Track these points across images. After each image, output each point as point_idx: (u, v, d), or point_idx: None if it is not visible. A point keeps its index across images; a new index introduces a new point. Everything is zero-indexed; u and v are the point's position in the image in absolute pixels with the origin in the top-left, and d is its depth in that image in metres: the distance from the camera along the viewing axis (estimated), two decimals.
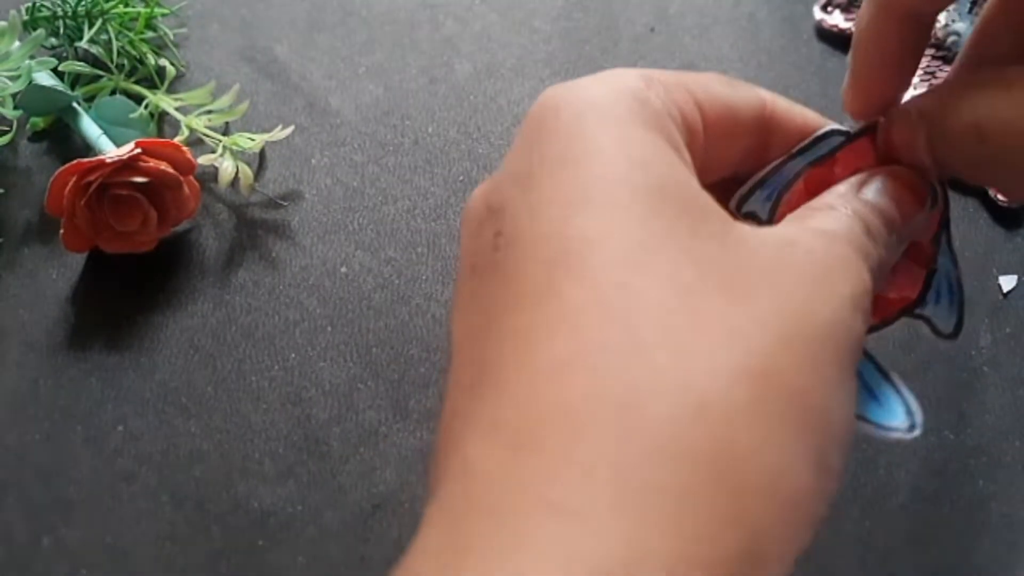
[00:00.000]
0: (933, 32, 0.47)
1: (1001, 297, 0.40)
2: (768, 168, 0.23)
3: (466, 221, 0.19)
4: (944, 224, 0.25)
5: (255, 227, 0.41)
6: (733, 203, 0.23)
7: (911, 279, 0.25)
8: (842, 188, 0.22)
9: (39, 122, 0.43)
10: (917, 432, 0.22)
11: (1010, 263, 0.41)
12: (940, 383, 0.38)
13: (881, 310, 0.25)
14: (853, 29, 0.48)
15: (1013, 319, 0.39)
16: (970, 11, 0.47)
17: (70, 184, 0.37)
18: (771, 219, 0.23)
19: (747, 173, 0.23)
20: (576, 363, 0.15)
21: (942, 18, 0.47)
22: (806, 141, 0.24)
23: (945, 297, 0.26)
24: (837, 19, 0.48)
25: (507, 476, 0.14)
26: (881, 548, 0.34)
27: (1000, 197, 0.42)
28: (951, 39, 0.46)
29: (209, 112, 0.42)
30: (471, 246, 0.18)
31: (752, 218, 0.23)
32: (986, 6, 0.23)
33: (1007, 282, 0.40)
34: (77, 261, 0.40)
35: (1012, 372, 0.38)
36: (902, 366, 0.38)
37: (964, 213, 0.43)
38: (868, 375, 0.24)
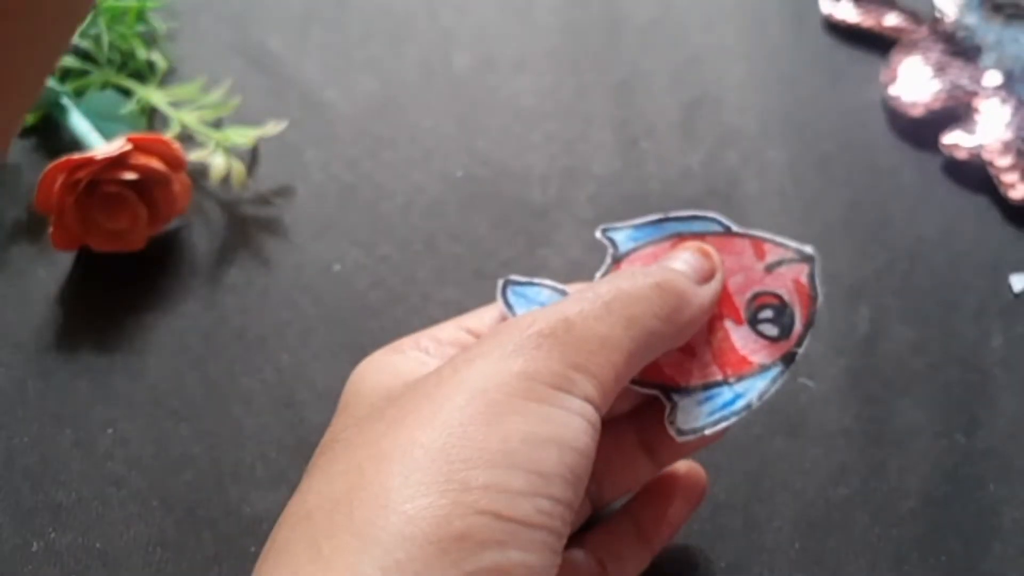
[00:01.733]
0: (944, 27, 0.46)
1: (1012, 297, 0.39)
2: (650, 218, 0.28)
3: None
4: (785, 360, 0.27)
5: (247, 224, 0.40)
6: (600, 227, 0.29)
7: (694, 368, 0.27)
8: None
9: (28, 118, 0.42)
10: None
11: (1022, 262, 0.40)
12: (951, 386, 0.37)
13: (650, 371, 0.27)
14: (861, 23, 0.47)
15: None
16: (979, 5, 0.46)
17: (59, 181, 0.36)
18: (621, 255, 0.28)
19: None
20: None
21: (952, 12, 0.46)
22: (689, 213, 0.28)
23: (714, 409, 0.27)
24: (845, 11, 0.47)
25: None
26: (891, 553, 0.33)
27: (1011, 195, 0.41)
28: (961, 33, 0.45)
29: (201, 107, 0.42)
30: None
31: (609, 241, 0.28)
32: None
33: (1018, 281, 0.40)
34: (66, 260, 0.39)
35: None
36: (912, 368, 0.37)
37: (975, 211, 0.42)
38: None
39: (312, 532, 0.20)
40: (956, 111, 0.44)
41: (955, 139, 0.43)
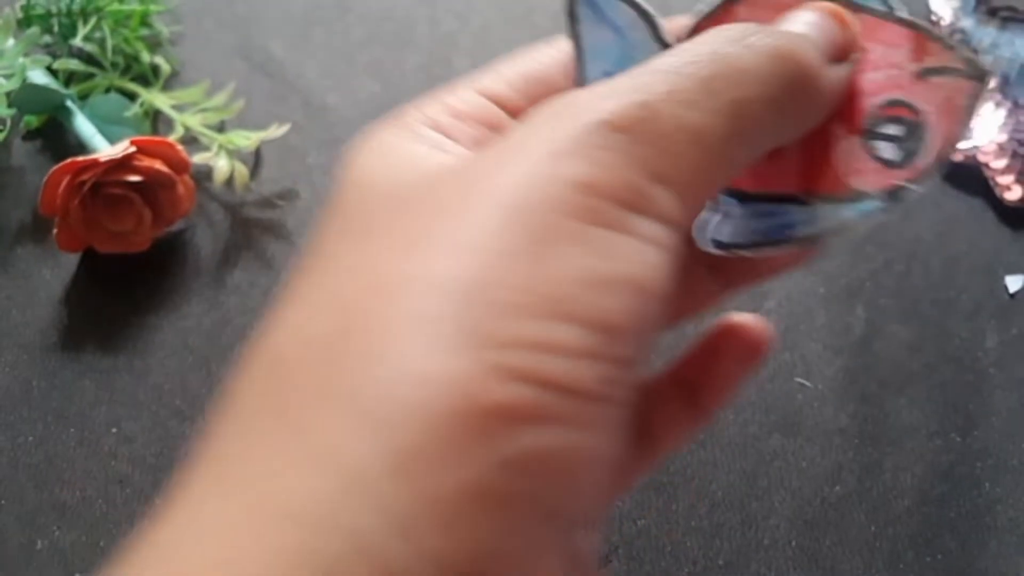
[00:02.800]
0: (939, 30, 0.46)
1: (1008, 298, 0.40)
2: None
3: None
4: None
5: (250, 227, 0.41)
6: None
7: (768, 172, 0.20)
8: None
9: (33, 120, 0.42)
10: None
11: (1017, 263, 0.40)
12: (946, 385, 0.37)
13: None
14: None
15: (1020, 320, 0.39)
16: (975, 9, 0.46)
17: (64, 183, 0.36)
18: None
19: None
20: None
21: (947, 16, 0.46)
22: None
23: (768, 229, 0.21)
24: None
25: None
26: (887, 551, 0.33)
27: (1007, 197, 0.42)
28: (956, 36, 0.46)
29: (204, 110, 0.42)
30: None
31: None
32: None
33: (1014, 283, 0.40)
34: (71, 261, 0.39)
35: (1019, 374, 0.38)
36: (908, 368, 0.38)
37: (970, 213, 0.42)
38: None
39: (281, 389, 0.14)
40: None
41: None
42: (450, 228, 0.15)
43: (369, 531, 0.12)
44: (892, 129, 0.20)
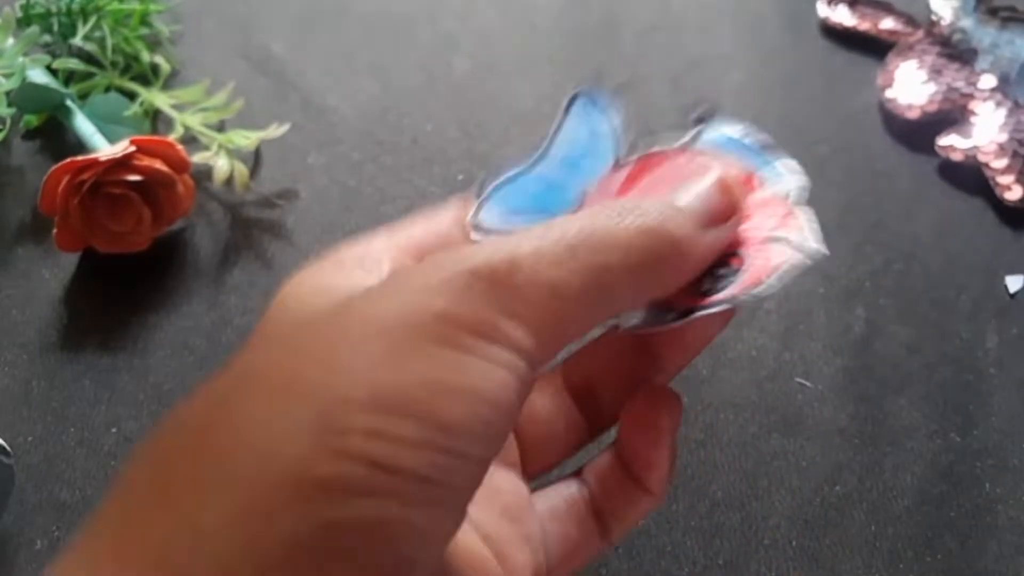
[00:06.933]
0: (939, 30, 0.46)
1: (1008, 298, 0.40)
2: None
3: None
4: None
5: (250, 226, 0.41)
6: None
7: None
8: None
9: (32, 120, 0.42)
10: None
11: (1017, 263, 0.40)
12: (946, 385, 0.37)
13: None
14: (858, 26, 0.47)
15: (1020, 320, 0.39)
16: (975, 8, 0.46)
17: (63, 183, 0.36)
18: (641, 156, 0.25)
19: None
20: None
21: (948, 16, 0.46)
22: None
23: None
24: (842, 15, 0.48)
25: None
26: (887, 551, 0.33)
27: (1007, 197, 0.42)
28: (956, 36, 0.46)
29: (204, 109, 0.42)
30: None
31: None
32: None
33: (1014, 283, 0.40)
34: (70, 261, 0.39)
35: (1019, 374, 0.38)
36: (908, 368, 0.38)
37: (970, 213, 0.42)
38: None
39: (159, 469, 0.17)
40: (952, 114, 0.44)
41: (951, 141, 0.43)
42: (328, 342, 0.18)
43: (200, 572, 0.15)
44: (721, 270, 0.23)
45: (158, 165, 0.37)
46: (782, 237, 0.23)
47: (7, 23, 0.41)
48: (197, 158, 0.40)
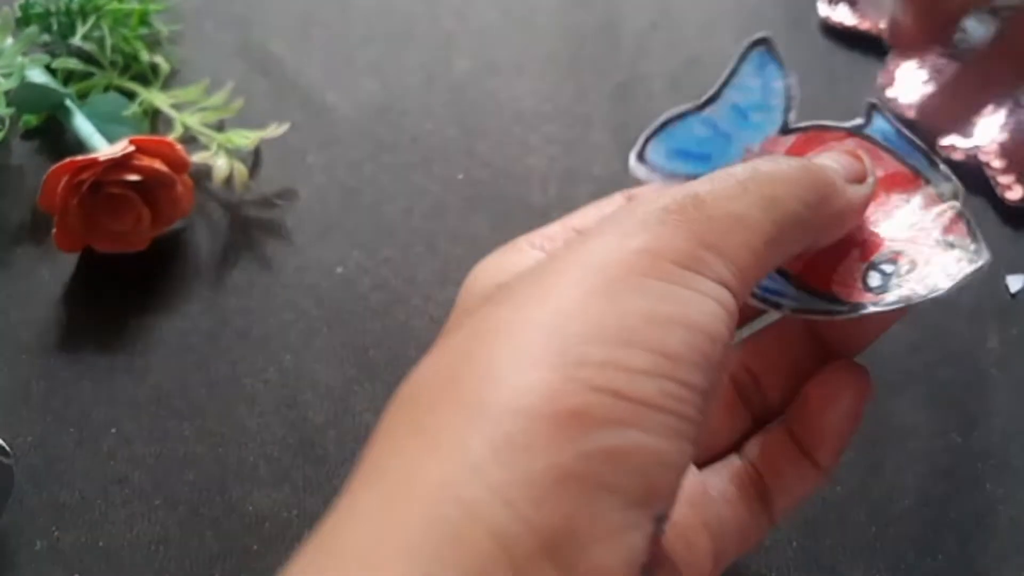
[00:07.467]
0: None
1: (1009, 298, 0.40)
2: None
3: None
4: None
5: (250, 226, 0.41)
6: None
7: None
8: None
9: (31, 120, 0.42)
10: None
11: (1018, 263, 0.40)
12: (947, 385, 0.37)
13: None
14: (859, 25, 0.47)
15: (1021, 320, 0.39)
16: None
17: (62, 183, 0.36)
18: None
19: None
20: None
21: None
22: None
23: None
24: (842, 15, 0.48)
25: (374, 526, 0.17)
26: (888, 552, 0.33)
27: (1008, 196, 0.42)
28: (957, 36, 0.46)
29: (203, 109, 0.42)
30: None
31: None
32: None
33: (1015, 282, 0.40)
34: (69, 261, 0.39)
35: (1020, 374, 0.37)
36: (909, 368, 0.37)
37: (971, 212, 0.42)
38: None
39: (415, 411, 0.18)
40: None
41: (951, 141, 0.43)
42: (539, 289, 0.19)
43: (480, 503, 0.16)
44: (888, 267, 0.24)
45: (157, 165, 0.37)
46: (955, 243, 0.25)
47: (6, 23, 0.41)
48: (196, 158, 0.40)
